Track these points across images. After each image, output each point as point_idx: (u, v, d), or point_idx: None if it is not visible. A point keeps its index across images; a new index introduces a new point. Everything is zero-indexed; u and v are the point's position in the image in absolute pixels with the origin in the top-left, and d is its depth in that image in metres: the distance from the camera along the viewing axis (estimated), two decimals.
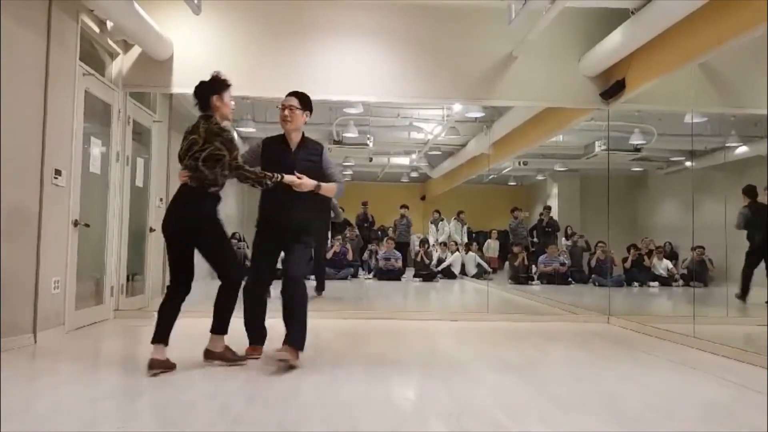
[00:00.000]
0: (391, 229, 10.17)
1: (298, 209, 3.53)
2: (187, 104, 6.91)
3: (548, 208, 10.05)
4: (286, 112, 3.57)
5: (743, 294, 5.93)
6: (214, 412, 2.57)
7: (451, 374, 3.41)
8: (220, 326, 3.39)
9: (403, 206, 10.30)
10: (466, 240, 10.56)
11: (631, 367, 3.78)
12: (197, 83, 3.37)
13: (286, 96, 3.65)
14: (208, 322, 3.39)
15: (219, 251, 3.39)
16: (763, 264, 5.69)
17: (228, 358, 3.41)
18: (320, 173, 3.60)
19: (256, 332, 3.69)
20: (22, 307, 3.95)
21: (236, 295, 3.43)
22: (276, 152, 3.59)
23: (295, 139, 3.61)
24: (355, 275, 9.41)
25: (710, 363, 3.85)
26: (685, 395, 3.12)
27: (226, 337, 3.41)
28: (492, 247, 10.59)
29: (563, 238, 10.14)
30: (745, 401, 3.00)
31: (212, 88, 3.36)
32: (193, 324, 3.50)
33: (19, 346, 3.84)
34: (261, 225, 3.66)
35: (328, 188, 3.59)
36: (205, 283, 3.57)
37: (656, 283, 9.16)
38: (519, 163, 9.62)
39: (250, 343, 3.67)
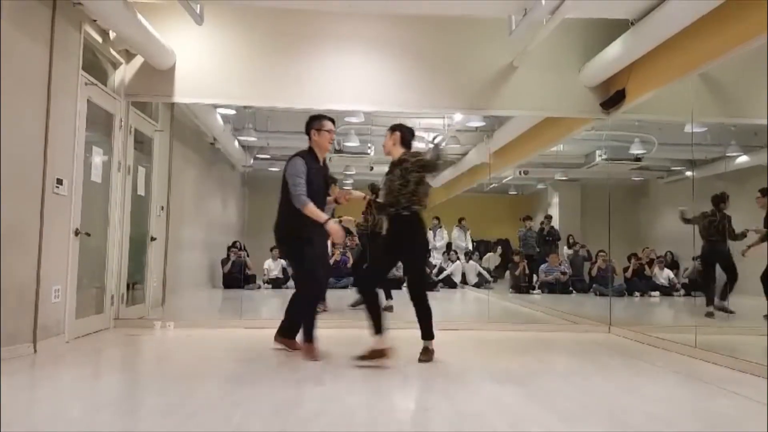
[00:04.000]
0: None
1: None
2: (189, 113, 7.01)
3: (549, 218, 10.06)
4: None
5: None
6: (215, 421, 2.56)
7: (451, 384, 3.40)
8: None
9: None
10: (470, 247, 10.52)
11: (633, 377, 3.76)
12: None
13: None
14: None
15: None
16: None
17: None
18: None
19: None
20: (22, 315, 3.94)
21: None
22: None
23: None
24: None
25: (712, 373, 3.84)
26: (687, 406, 3.10)
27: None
28: (491, 261, 10.60)
29: (565, 247, 10.14)
30: (748, 412, 2.98)
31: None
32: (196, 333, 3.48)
33: (19, 355, 3.83)
34: None
35: None
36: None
37: (657, 293, 9.14)
38: (519, 173, 9.63)
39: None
